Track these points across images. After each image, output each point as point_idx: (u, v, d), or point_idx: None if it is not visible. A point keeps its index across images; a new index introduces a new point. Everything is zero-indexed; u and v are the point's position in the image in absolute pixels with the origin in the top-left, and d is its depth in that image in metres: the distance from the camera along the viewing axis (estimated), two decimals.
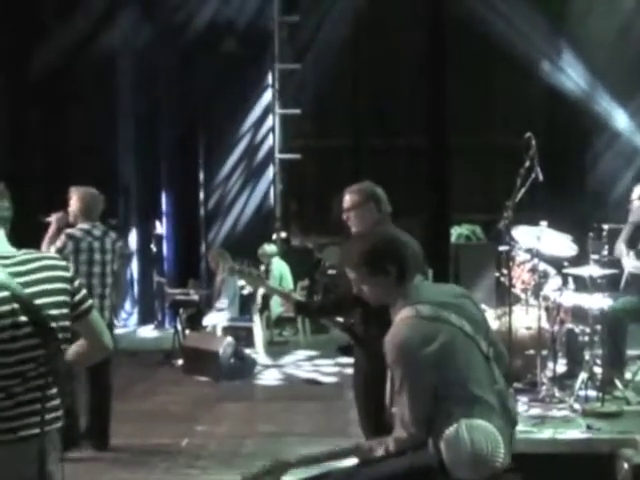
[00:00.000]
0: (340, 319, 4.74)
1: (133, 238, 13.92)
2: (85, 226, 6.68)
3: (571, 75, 13.63)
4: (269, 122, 14.03)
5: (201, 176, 13.83)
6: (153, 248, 12.04)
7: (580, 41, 13.53)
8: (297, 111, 13.95)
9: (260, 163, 13.99)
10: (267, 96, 14.02)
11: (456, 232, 14.03)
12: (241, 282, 10.44)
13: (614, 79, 13.13)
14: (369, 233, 3.39)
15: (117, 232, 7.29)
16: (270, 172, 13.99)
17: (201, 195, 13.86)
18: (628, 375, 6.72)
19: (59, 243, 6.59)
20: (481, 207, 13.52)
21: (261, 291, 10.56)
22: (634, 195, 6.92)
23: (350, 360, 5.08)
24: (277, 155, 14.04)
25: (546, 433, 5.62)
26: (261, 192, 13.91)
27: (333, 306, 4.80)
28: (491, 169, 14.45)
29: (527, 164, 6.42)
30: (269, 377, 9.96)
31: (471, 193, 14.26)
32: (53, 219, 6.84)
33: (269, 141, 14.06)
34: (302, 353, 11.32)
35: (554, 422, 5.81)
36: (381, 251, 3.16)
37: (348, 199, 4.82)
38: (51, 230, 6.86)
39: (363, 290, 3.22)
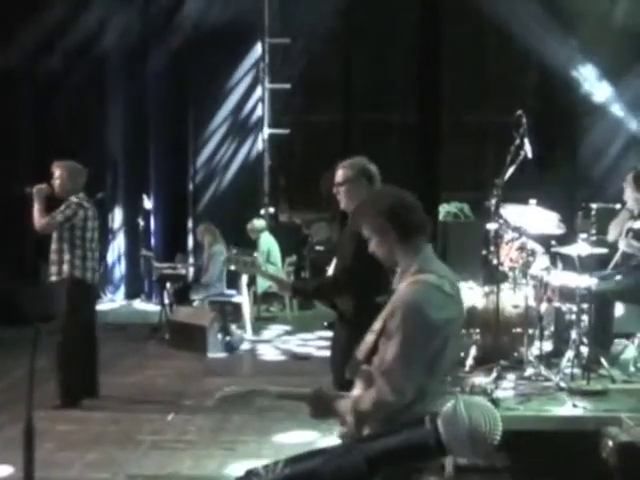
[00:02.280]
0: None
1: (120, 212, 13.87)
2: (81, 196, 7.18)
3: (562, 55, 13.59)
4: (258, 97, 13.94)
5: (189, 150, 13.77)
6: (140, 222, 11.98)
7: (571, 20, 13.48)
8: (287, 86, 13.89)
9: (249, 138, 13.92)
10: (257, 70, 13.93)
11: (444, 210, 14.01)
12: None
13: (604, 58, 13.10)
14: (380, 190, 3.38)
15: (104, 206, 7.56)
16: (259, 147, 13.93)
17: (189, 170, 13.79)
18: (614, 354, 6.76)
19: (69, 211, 7.03)
20: (470, 185, 13.51)
21: None
22: (629, 178, 6.91)
23: None
24: (266, 130, 13.98)
25: (532, 411, 5.65)
26: (249, 167, 13.85)
27: (328, 287, 4.80)
28: (481, 147, 14.43)
29: (517, 142, 6.41)
30: (256, 352, 9.98)
31: (460, 171, 14.24)
32: (35, 191, 7.08)
33: (258, 115, 13.99)
34: (289, 328, 11.34)
35: (540, 400, 5.84)
36: (382, 209, 3.15)
37: (340, 173, 4.80)
38: (38, 202, 7.05)
39: (371, 247, 3.21)
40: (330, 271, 4.98)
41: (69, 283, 7.10)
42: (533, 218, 6.74)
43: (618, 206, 7.14)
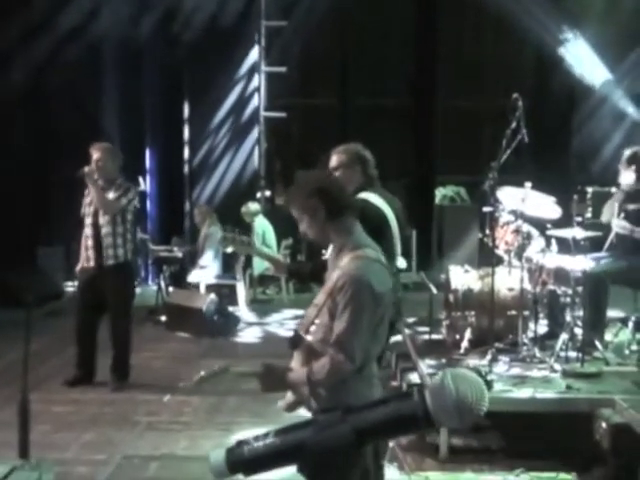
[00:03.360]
0: None
1: None
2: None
3: (560, 38, 13.57)
4: (255, 80, 13.91)
5: (186, 134, 13.75)
6: (137, 205, 11.99)
7: (569, 4, 13.46)
8: (283, 69, 13.83)
9: (245, 121, 13.90)
10: (253, 53, 13.90)
11: (440, 193, 14.06)
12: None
13: (602, 42, 13.09)
14: (306, 173, 3.46)
15: None
16: (255, 130, 13.90)
17: (186, 153, 13.78)
18: (608, 336, 6.80)
19: (131, 195, 7.23)
20: (466, 169, 13.49)
21: None
22: (623, 159, 6.92)
23: None
24: (262, 113, 13.95)
25: (526, 393, 5.70)
26: (246, 150, 13.84)
27: (324, 269, 4.80)
28: (478, 131, 14.41)
29: (513, 125, 6.41)
30: (252, 334, 10.01)
31: (457, 155, 14.23)
32: (86, 172, 7.07)
33: (254, 99, 13.96)
34: (285, 311, 11.36)
35: (534, 382, 5.89)
36: (312, 188, 3.25)
37: (335, 158, 4.82)
38: (94, 183, 7.11)
39: (302, 227, 3.33)
40: (327, 254, 4.98)
41: (127, 267, 7.30)
42: (529, 201, 6.75)
43: (614, 189, 7.15)
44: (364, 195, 4.72)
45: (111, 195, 7.17)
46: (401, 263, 4.93)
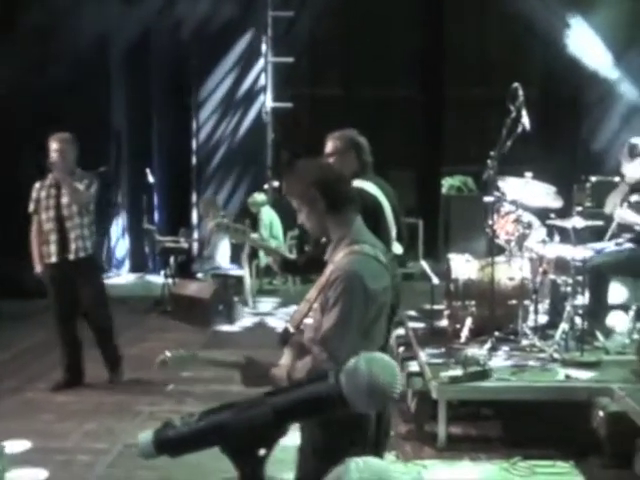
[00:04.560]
0: None
1: (124, 187, 13.91)
2: None
3: (566, 28, 13.50)
4: (261, 70, 13.90)
5: (193, 125, 13.77)
6: (144, 197, 12.04)
7: None
8: (290, 59, 13.83)
9: (252, 112, 13.91)
10: (260, 44, 13.89)
11: (447, 183, 14.01)
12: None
13: (607, 32, 13.01)
14: (307, 162, 3.38)
15: (107, 180, 7.44)
16: (262, 120, 13.91)
17: (193, 144, 13.80)
18: (609, 326, 6.79)
19: (96, 185, 6.92)
20: (474, 158, 13.46)
21: None
22: (627, 150, 6.90)
23: None
24: (269, 103, 13.96)
25: (524, 381, 5.70)
26: (253, 140, 13.85)
27: (319, 260, 4.81)
28: (486, 121, 14.37)
29: (513, 115, 6.41)
30: (257, 325, 10.04)
31: (464, 144, 14.21)
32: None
33: (261, 89, 13.96)
34: (291, 301, 11.37)
35: (534, 371, 5.90)
36: (312, 179, 3.14)
37: (330, 144, 4.84)
38: (63, 176, 6.81)
39: (300, 218, 3.23)
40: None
41: (94, 259, 7.11)
42: (530, 191, 6.75)
43: (617, 179, 7.13)
44: (358, 183, 4.73)
45: (79, 186, 6.85)
46: (397, 249, 4.93)
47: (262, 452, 1.80)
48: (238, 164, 13.68)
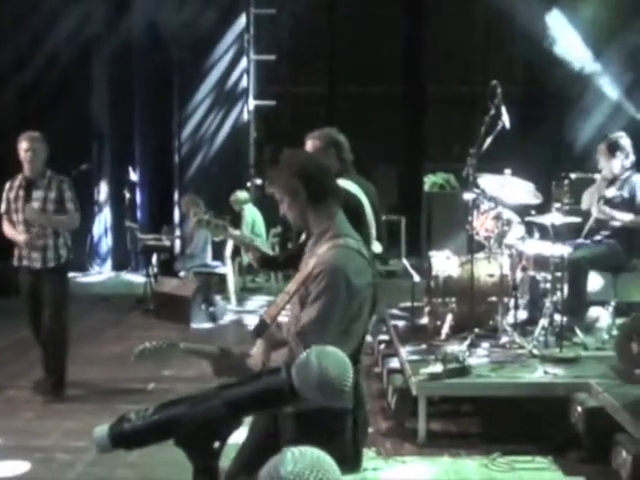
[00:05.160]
0: None
1: (106, 185, 13.88)
2: None
3: (548, 25, 13.55)
4: (243, 68, 13.89)
5: (175, 123, 13.74)
6: (126, 195, 12.02)
7: None
8: (272, 57, 13.83)
9: (234, 110, 13.89)
10: (241, 42, 13.88)
11: (430, 180, 14.04)
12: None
13: (589, 29, 13.08)
14: (291, 153, 3.35)
15: (90, 178, 7.18)
16: (244, 118, 13.90)
17: (175, 142, 13.78)
18: (588, 321, 6.83)
19: (67, 184, 6.56)
20: (457, 156, 13.50)
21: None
22: (604, 147, 6.94)
23: None
24: (251, 101, 13.95)
25: (503, 378, 5.74)
26: (235, 139, 13.83)
27: (298, 256, 4.81)
28: (468, 118, 14.41)
29: (492, 112, 6.44)
30: (240, 322, 10.04)
31: (447, 142, 14.26)
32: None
33: (243, 87, 13.95)
34: (274, 299, 11.37)
35: (512, 367, 5.94)
36: (294, 169, 3.12)
37: (309, 143, 4.83)
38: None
39: (282, 209, 3.20)
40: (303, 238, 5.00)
41: (65, 268, 6.71)
42: (509, 188, 6.78)
43: (597, 176, 7.18)
44: (339, 183, 4.74)
45: (52, 195, 6.48)
46: (376, 247, 4.95)
47: (216, 445, 1.82)
48: (221, 162, 13.66)
